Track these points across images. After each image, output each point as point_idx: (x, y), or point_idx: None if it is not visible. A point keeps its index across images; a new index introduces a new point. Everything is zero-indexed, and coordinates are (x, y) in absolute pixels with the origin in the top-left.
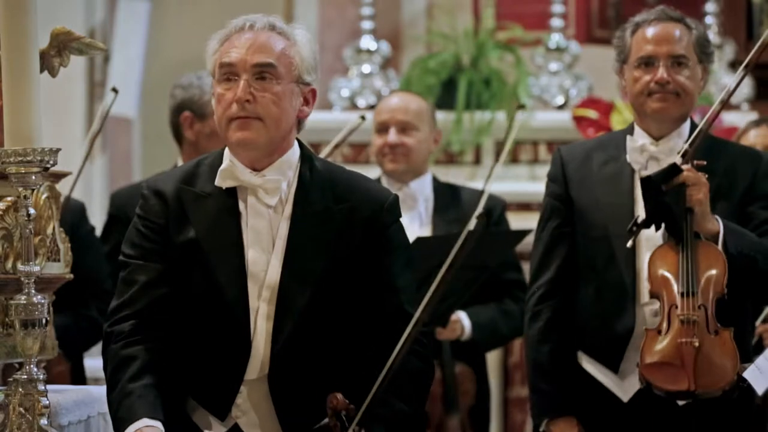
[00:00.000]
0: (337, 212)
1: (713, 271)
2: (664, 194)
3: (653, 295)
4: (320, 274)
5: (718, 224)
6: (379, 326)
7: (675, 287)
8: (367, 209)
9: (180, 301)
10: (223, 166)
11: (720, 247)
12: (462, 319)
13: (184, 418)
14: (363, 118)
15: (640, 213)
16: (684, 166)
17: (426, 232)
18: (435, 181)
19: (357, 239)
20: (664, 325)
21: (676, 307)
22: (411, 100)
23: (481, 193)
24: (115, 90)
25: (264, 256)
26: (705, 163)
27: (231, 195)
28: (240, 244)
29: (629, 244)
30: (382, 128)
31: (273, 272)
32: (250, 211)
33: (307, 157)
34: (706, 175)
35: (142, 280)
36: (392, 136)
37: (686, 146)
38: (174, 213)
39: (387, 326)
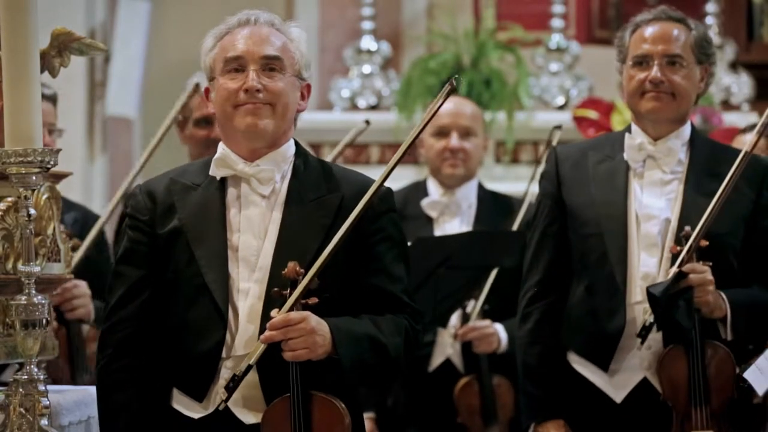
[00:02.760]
0: (330, 200)
1: (723, 376)
2: (674, 310)
3: (666, 399)
4: (312, 258)
5: (725, 308)
6: (372, 308)
7: (686, 397)
8: (360, 197)
9: (163, 291)
10: (216, 156)
11: (729, 328)
12: (499, 331)
13: (167, 409)
14: (367, 122)
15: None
16: (687, 268)
17: None
18: (480, 188)
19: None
20: None
21: (689, 420)
22: (467, 104)
23: (521, 201)
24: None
25: (256, 242)
26: (711, 263)
27: (220, 185)
28: (223, 229)
29: (639, 345)
30: (442, 132)
31: (265, 255)
32: (243, 200)
33: (302, 153)
34: (709, 268)
35: (128, 284)
36: (455, 140)
37: (684, 254)
38: (162, 206)
39: (379, 308)
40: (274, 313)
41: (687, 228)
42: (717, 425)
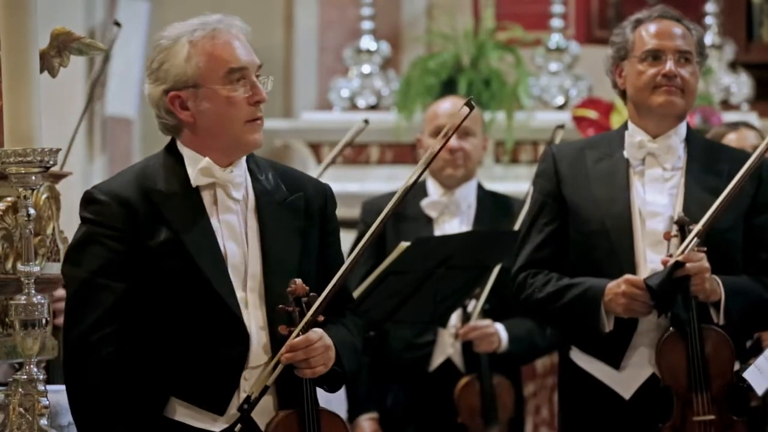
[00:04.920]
0: (296, 201)
1: (721, 360)
2: (671, 302)
3: (666, 385)
4: (298, 260)
5: (720, 291)
6: (334, 305)
7: (686, 383)
8: (319, 197)
9: (157, 302)
10: (201, 165)
11: (722, 313)
12: (499, 331)
13: (165, 421)
14: (366, 122)
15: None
16: (683, 257)
17: None
18: (480, 188)
19: (316, 226)
20: (678, 422)
21: (690, 405)
22: None
23: (522, 201)
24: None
25: (240, 249)
26: (705, 249)
27: (196, 192)
28: (214, 238)
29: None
30: (440, 132)
31: (254, 263)
32: (220, 206)
33: (251, 153)
34: (704, 254)
35: (113, 298)
36: (454, 141)
37: (684, 245)
38: (144, 216)
39: (339, 304)
40: (283, 329)
41: (681, 213)
42: (717, 411)
